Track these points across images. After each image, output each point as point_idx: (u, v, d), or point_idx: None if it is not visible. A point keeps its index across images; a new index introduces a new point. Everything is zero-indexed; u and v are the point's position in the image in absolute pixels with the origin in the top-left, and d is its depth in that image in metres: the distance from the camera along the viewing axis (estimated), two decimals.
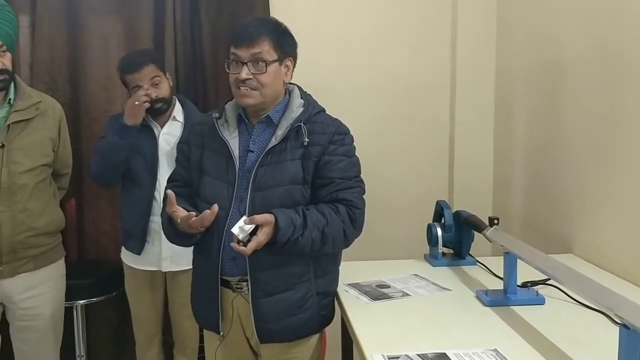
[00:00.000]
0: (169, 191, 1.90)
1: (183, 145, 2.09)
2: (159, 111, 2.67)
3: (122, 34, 3.13)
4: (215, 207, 1.82)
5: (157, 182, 2.66)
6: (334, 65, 3.20)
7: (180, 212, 1.86)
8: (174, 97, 2.78)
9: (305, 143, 1.88)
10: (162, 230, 2.63)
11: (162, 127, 2.72)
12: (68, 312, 2.75)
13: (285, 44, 1.92)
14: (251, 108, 1.94)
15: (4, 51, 2.24)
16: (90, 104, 3.12)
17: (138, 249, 2.72)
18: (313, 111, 1.94)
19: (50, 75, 3.06)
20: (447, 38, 3.27)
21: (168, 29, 3.10)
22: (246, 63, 1.85)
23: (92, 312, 3.14)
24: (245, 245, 1.75)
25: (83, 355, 3.08)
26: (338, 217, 1.86)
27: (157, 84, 2.64)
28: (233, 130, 1.96)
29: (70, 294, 2.69)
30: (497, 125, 3.25)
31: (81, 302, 2.96)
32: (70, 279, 2.61)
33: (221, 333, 1.99)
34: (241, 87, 1.87)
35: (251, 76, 1.85)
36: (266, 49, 1.86)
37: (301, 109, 1.94)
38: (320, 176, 1.89)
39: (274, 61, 1.88)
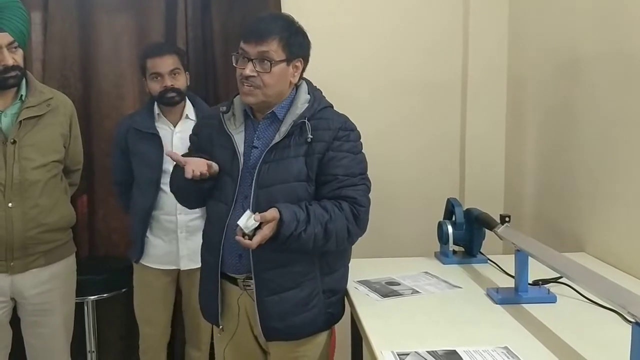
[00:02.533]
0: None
1: (192, 137, 2.11)
2: (171, 100, 2.68)
3: (134, 32, 3.14)
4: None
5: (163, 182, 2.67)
6: (345, 65, 3.18)
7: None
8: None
9: (309, 140, 1.85)
10: (177, 229, 2.70)
11: (175, 126, 2.73)
12: (79, 308, 2.76)
13: (295, 45, 1.87)
14: (253, 106, 1.92)
15: (15, 47, 2.24)
16: (102, 101, 3.14)
17: (137, 256, 2.78)
18: (318, 107, 1.91)
19: (61, 72, 3.08)
20: (459, 37, 3.25)
21: (179, 27, 3.11)
22: (252, 60, 1.82)
23: (103, 308, 3.15)
24: (250, 239, 1.74)
25: (94, 351, 3.10)
26: (341, 214, 1.83)
27: (175, 75, 2.66)
28: (239, 124, 1.95)
29: (81, 289, 2.70)
30: (509, 124, 3.23)
31: (92, 298, 2.99)
32: (81, 275, 2.62)
33: (220, 327, 2.00)
34: (245, 84, 1.85)
35: (255, 74, 1.82)
36: (274, 49, 1.82)
37: (306, 105, 1.90)
38: (323, 172, 1.86)
39: (281, 61, 1.84)
